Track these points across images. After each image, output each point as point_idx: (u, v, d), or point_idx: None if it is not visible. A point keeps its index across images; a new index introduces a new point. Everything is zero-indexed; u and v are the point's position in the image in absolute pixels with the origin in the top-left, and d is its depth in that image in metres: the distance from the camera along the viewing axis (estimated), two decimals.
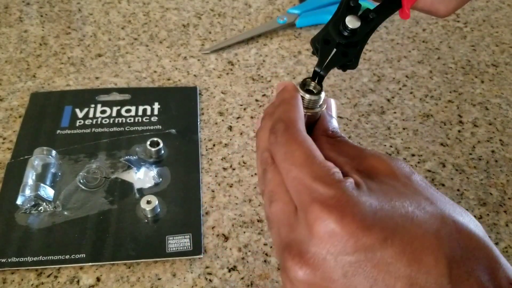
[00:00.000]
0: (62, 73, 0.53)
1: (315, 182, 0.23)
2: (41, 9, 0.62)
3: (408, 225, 0.23)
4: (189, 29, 0.60)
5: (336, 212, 0.22)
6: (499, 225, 0.42)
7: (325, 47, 0.29)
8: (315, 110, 0.29)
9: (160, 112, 0.49)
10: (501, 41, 0.61)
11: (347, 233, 0.22)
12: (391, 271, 0.22)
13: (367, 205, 0.23)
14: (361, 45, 0.29)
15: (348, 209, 0.22)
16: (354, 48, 0.29)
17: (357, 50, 0.29)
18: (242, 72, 0.55)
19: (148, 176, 0.43)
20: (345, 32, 0.28)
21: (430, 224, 0.23)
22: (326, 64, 0.29)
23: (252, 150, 0.47)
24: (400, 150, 0.47)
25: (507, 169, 0.46)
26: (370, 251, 0.22)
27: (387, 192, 0.24)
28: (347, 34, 0.28)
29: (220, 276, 0.37)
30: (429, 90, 0.54)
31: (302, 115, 0.27)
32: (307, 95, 0.29)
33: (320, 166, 0.24)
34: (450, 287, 0.22)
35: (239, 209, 0.42)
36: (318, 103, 0.29)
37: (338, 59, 0.29)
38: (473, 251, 0.23)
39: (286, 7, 0.64)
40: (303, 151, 0.25)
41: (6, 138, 0.46)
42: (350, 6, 0.29)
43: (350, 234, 0.22)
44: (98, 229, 0.39)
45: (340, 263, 0.23)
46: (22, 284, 0.36)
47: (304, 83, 0.29)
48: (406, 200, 0.24)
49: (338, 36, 0.29)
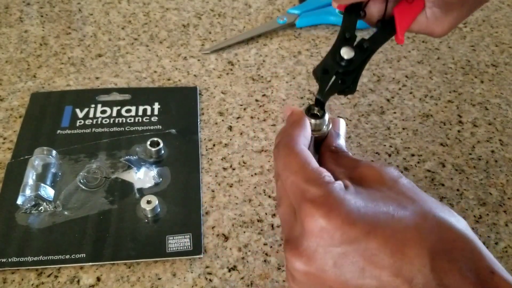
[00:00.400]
0: (62, 73, 0.54)
1: (307, 184, 0.27)
2: (41, 9, 0.62)
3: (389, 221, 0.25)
4: (189, 29, 0.60)
5: (324, 208, 0.25)
6: (498, 225, 0.42)
7: (324, 77, 0.31)
8: (321, 132, 0.33)
9: (160, 112, 0.49)
10: (501, 41, 0.61)
11: (334, 227, 0.25)
12: (376, 261, 0.25)
13: (352, 203, 0.26)
14: (357, 72, 0.32)
15: (335, 206, 0.25)
16: (351, 76, 0.31)
17: (354, 77, 0.31)
18: (242, 72, 0.55)
19: (148, 176, 0.43)
20: (341, 62, 0.31)
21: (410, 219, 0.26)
22: (326, 91, 0.31)
23: (252, 150, 0.47)
24: (400, 150, 0.47)
25: (506, 169, 0.46)
26: (355, 243, 0.25)
27: (372, 194, 0.27)
28: (344, 63, 0.31)
29: (220, 276, 0.37)
30: (429, 90, 0.54)
31: (305, 133, 0.31)
32: (312, 119, 0.32)
33: (312, 171, 0.27)
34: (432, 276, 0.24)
35: (239, 209, 0.42)
36: (323, 125, 0.33)
37: (337, 86, 0.31)
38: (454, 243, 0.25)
39: (286, 7, 0.64)
40: (298, 160, 0.28)
41: (6, 138, 0.47)
42: (346, 38, 0.31)
43: (336, 228, 0.25)
44: (98, 229, 0.39)
45: (329, 254, 0.26)
46: (22, 284, 0.36)
47: (309, 109, 0.32)
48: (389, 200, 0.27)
49: (336, 66, 0.31)
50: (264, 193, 0.43)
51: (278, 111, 0.51)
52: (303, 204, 0.26)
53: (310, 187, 0.26)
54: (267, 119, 0.50)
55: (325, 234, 0.25)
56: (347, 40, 0.32)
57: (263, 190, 0.43)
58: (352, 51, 0.31)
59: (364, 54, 0.32)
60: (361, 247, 0.25)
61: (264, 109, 0.51)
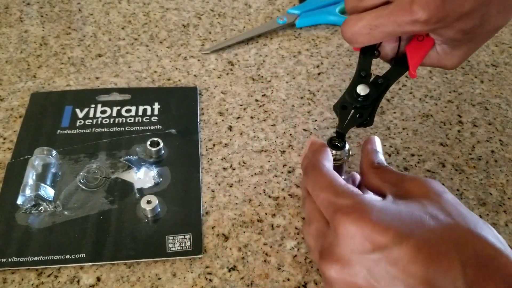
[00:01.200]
0: (62, 73, 0.54)
1: (337, 198, 0.29)
2: (41, 9, 0.62)
3: (423, 231, 0.26)
4: (189, 29, 0.60)
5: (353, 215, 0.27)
6: (498, 225, 0.42)
7: (343, 112, 0.35)
8: (342, 160, 0.36)
9: (160, 112, 0.49)
10: (501, 41, 0.61)
11: (364, 233, 0.26)
12: (408, 270, 0.25)
13: (383, 211, 0.27)
14: (374, 106, 0.34)
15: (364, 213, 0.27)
16: (368, 109, 0.34)
17: (371, 111, 0.34)
18: (242, 72, 0.55)
19: (148, 176, 0.43)
20: (358, 98, 0.34)
21: (447, 232, 0.26)
22: (345, 125, 0.35)
23: (252, 150, 0.47)
24: (400, 150, 0.47)
25: (506, 169, 0.46)
26: (387, 250, 0.25)
27: (410, 205, 0.28)
28: (360, 99, 0.34)
29: (220, 276, 0.37)
30: (429, 90, 0.54)
31: (328, 157, 0.34)
32: (333, 150, 0.36)
33: (340, 186, 0.30)
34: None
35: (239, 209, 0.42)
36: (344, 155, 0.36)
37: (355, 120, 0.35)
38: (489, 258, 0.25)
39: (286, 7, 0.64)
40: (327, 179, 0.31)
41: (6, 138, 0.47)
42: (362, 76, 0.35)
43: (366, 234, 0.26)
44: (98, 229, 0.39)
45: (362, 261, 0.26)
46: (23, 284, 0.36)
47: (330, 140, 0.36)
48: (426, 212, 0.27)
49: (353, 101, 0.34)
50: (264, 193, 0.43)
51: (278, 111, 0.51)
52: (335, 214, 0.28)
53: (340, 200, 0.28)
54: (267, 119, 0.50)
55: (357, 240, 0.26)
56: (362, 77, 0.35)
57: (263, 190, 0.43)
58: (367, 88, 0.34)
59: (379, 89, 0.34)
60: (393, 255, 0.25)
61: (264, 109, 0.51)
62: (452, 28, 0.30)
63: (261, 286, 0.37)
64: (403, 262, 0.25)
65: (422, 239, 0.25)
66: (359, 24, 0.32)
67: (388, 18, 0.30)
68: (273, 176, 0.45)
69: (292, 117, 0.50)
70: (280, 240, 0.40)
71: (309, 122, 0.49)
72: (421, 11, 0.29)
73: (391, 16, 0.30)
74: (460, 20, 0.30)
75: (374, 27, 0.31)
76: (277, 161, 0.46)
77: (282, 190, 0.43)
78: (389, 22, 0.30)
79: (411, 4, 0.29)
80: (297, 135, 0.48)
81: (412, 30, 0.30)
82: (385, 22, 0.30)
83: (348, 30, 0.33)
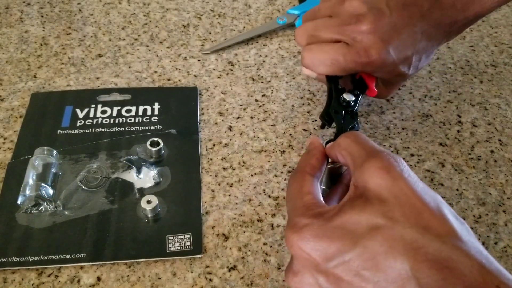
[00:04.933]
0: (62, 73, 0.54)
1: (294, 212, 0.30)
2: (41, 9, 0.62)
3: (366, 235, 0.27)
4: (189, 29, 0.60)
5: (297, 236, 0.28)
6: (498, 224, 0.42)
7: (338, 116, 0.39)
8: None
9: (160, 112, 0.49)
10: (500, 41, 0.61)
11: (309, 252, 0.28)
12: (362, 275, 0.26)
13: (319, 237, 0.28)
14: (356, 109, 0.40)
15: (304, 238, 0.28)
16: (353, 113, 0.39)
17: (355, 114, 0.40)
18: (242, 72, 0.55)
19: (148, 176, 0.43)
20: (344, 103, 0.40)
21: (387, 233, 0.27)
22: (344, 125, 0.38)
23: (252, 150, 0.47)
24: (400, 150, 0.47)
25: (506, 169, 0.46)
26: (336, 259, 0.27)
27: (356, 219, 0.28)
28: (346, 104, 0.40)
29: (220, 276, 0.38)
30: (428, 90, 0.54)
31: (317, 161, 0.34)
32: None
33: (302, 201, 0.30)
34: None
35: (239, 209, 0.42)
36: None
37: (349, 120, 0.39)
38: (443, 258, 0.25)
39: (286, 7, 0.64)
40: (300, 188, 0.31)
41: (7, 138, 0.47)
42: (338, 88, 0.41)
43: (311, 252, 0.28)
44: (98, 229, 0.39)
45: (313, 276, 0.28)
46: (23, 283, 0.37)
47: (329, 142, 0.36)
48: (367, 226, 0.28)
49: (342, 107, 0.39)
50: (264, 193, 0.43)
51: (278, 111, 0.51)
52: (287, 230, 0.29)
53: (297, 218, 0.29)
54: (267, 119, 0.50)
55: (306, 259, 0.28)
56: (341, 90, 0.40)
57: (263, 190, 0.43)
58: (352, 95, 0.40)
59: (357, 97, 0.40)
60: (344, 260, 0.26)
61: (264, 109, 0.51)
62: (393, 71, 0.40)
63: (261, 286, 0.37)
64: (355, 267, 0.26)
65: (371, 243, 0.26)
66: (320, 56, 0.40)
67: (348, 56, 0.38)
68: (273, 176, 0.45)
69: (292, 117, 0.50)
70: (280, 240, 0.40)
71: (309, 122, 0.50)
72: (376, 55, 0.38)
73: (350, 56, 0.38)
74: (400, 64, 0.39)
75: (336, 62, 0.39)
76: (277, 161, 0.46)
77: (282, 190, 0.44)
78: (349, 61, 0.38)
79: (368, 50, 0.38)
80: (297, 135, 0.48)
81: (364, 70, 0.40)
82: (344, 60, 0.39)
83: (309, 57, 0.40)
